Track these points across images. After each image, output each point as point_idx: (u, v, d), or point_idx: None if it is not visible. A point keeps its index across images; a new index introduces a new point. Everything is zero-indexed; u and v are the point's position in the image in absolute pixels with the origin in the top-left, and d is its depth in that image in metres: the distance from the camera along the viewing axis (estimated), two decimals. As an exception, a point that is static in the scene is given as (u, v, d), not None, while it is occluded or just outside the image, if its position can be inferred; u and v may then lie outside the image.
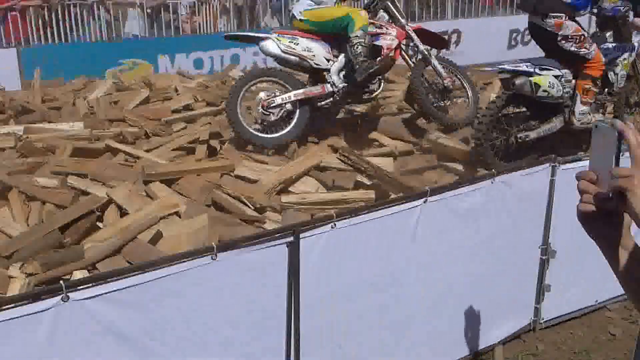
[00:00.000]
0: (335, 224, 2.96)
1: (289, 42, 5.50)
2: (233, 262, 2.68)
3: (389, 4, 5.76)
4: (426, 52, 5.83)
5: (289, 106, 5.49)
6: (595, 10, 5.65)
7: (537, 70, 5.28)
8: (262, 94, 5.48)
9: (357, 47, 5.33)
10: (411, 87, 5.81)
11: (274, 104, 5.45)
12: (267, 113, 5.46)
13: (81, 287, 2.34)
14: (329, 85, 5.57)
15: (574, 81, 5.44)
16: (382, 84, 5.89)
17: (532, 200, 3.99)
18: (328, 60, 5.58)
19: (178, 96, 7.12)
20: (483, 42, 14.16)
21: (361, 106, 6.43)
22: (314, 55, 5.55)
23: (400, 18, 5.78)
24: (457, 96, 6.13)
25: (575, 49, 5.28)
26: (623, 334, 4.29)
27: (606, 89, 5.71)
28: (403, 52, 5.90)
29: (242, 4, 13.03)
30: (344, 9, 5.62)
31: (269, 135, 5.51)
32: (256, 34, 6.02)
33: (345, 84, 5.59)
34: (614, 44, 5.69)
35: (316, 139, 5.78)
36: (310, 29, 5.61)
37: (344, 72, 5.59)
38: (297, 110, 5.52)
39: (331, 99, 5.64)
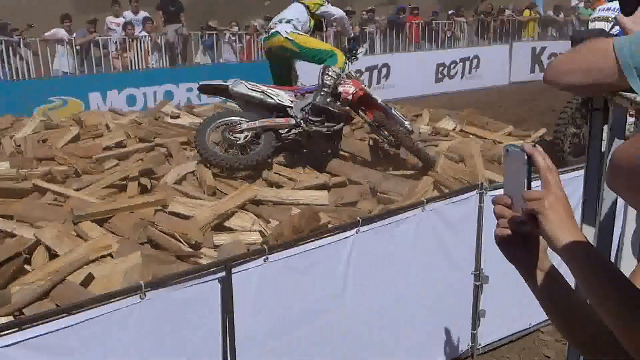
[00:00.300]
0: (267, 258, 2.97)
1: (255, 83, 5.99)
2: (163, 301, 2.63)
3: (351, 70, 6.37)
4: (383, 104, 6.21)
5: (254, 132, 5.76)
6: None
7: None
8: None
9: (329, 77, 5.81)
10: (373, 131, 6.19)
11: (240, 129, 5.73)
12: (234, 137, 5.71)
13: (2, 333, 2.24)
14: (292, 118, 5.88)
15: None
16: (343, 123, 6.10)
17: (462, 227, 4.12)
18: (291, 101, 5.93)
19: (110, 133, 7.00)
20: (411, 75, 14.66)
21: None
22: (278, 94, 5.94)
23: (359, 77, 6.41)
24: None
25: None
26: (557, 355, 4.43)
27: None
28: (361, 112, 6.27)
29: (173, 41, 13.01)
30: (329, 45, 6.40)
31: (236, 156, 5.68)
32: (226, 82, 6.27)
33: (307, 117, 5.84)
34: None
35: (250, 172, 5.79)
36: (291, 49, 6.14)
37: (305, 110, 5.87)
38: (263, 136, 5.76)
39: (295, 130, 5.91)
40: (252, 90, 5.91)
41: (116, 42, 12.33)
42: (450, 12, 17.56)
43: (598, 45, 1.44)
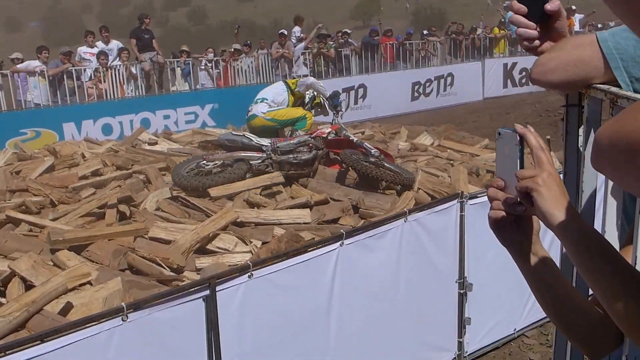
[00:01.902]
0: (252, 274, 2.92)
1: (239, 130, 6.77)
2: (146, 322, 2.56)
3: (340, 121, 6.84)
4: (353, 137, 6.49)
5: (227, 161, 6.23)
6: None
7: None
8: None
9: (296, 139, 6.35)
10: (342, 158, 6.18)
11: (212, 159, 6.23)
12: (206, 164, 6.15)
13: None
14: (264, 152, 6.27)
15: None
16: (314, 154, 6.25)
17: (444, 237, 4.11)
18: (270, 142, 6.36)
19: (86, 162, 6.91)
20: (388, 95, 14.80)
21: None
22: (258, 137, 6.45)
23: (345, 131, 6.66)
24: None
25: None
26: (542, 358, 4.45)
27: None
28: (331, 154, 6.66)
29: (149, 69, 12.97)
30: (301, 111, 7.05)
31: (205, 179, 5.91)
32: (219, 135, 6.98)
33: (278, 150, 6.22)
34: None
35: (232, 193, 5.74)
36: (270, 125, 6.94)
37: (280, 146, 6.25)
38: (234, 164, 6.17)
39: (265, 162, 6.24)
40: (236, 135, 6.51)
41: (90, 72, 12.24)
42: (424, 32, 17.83)
43: (583, 41, 1.45)
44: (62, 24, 61.87)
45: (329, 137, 6.41)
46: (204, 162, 6.16)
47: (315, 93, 7.18)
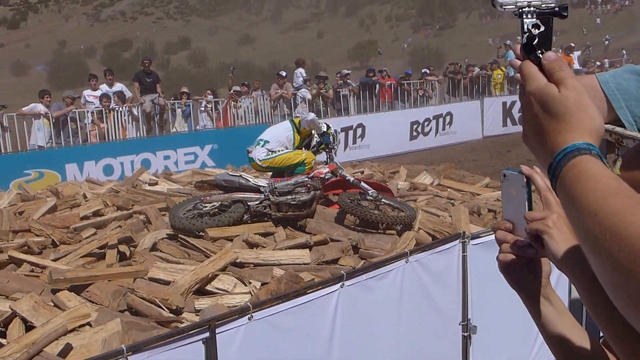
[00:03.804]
0: (252, 316, 2.91)
1: (237, 170, 6.64)
2: (147, 365, 2.55)
3: (335, 160, 6.84)
4: (350, 177, 6.46)
5: (224, 203, 6.12)
6: None
7: None
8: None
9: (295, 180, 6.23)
10: (340, 205, 6.15)
11: (210, 200, 6.09)
12: (203, 206, 6.04)
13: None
14: (261, 193, 6.16)
15: None
16: (312, 196, 6.16)
17: (447, 277, 4.10)
18: (268, 183, 6.28)
19: (87, 202, 6.93)
20: (386, 134, 14.92)
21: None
22: (256, 177, 6.44)
23: (341, 169, 6.67)
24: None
25: None
26: (547, 402, 4.36)
27: None
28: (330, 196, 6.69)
29: (150, 110, 13.13)
30: (300, 157, 6.85)
31: (202, 221, 5.86)
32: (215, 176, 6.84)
33: (276, 191, 6.10)
34: None
35: (230, 234, 5.74)
36: (268, 170, 6.97)
37: (278, 187, 6.14)
38: (232, 206, 6.07)
39: (262, 203, 6.13)
40: (233, 175, 6.39)
41: (92, 114, 12.39)
42: (423, 71, 18.07)
43: (583, 82, 1.48)
44: (66, 68, 62.91)
45: (326, 178, 6.39)
46: (202, 203, 6.06)
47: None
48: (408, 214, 6.09)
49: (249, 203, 6.11)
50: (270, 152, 6.89)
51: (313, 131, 7.14)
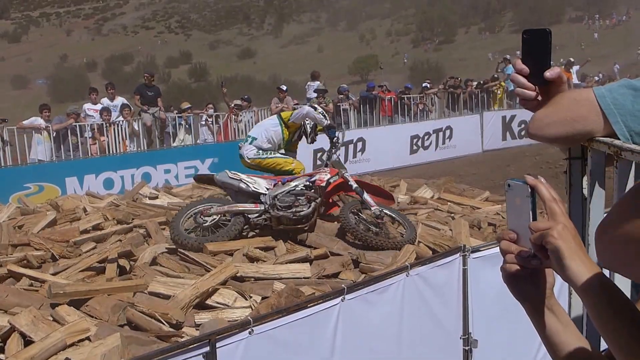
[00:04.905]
0: (252, 330, 2.89)
1: (236, 172, 6.32)
2: (147, 379, 2.53)
3: (337, 157, 6.62)
4: (353, 182, 6.28)
5: (224, 216, 6.04)
6: None
7: None
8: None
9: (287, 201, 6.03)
10: (342, 223, 6.06)
11: (209, 213, 5.98)
12: (203, 220, 5.95)
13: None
14: (261, 204, 6.06)
15: None
16: (313, 208, 6.07)
17: (447, 291, 4.08)
18: (267, 189, 6.16)
19: (87, 216, 6.93)
20: (386, 148, 14.94)
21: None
22: (255, 182, 6.23)
23: (343, 167, 6.54)
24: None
25: None
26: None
27: None
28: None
29: (151, 124, 13.15)
30: (289, 165, 6.85)
31: (201, 237, 5.84)
32: (215, 174, 6.58)
33: (276, 202, 5.98)
34: None
35: (230, 249, 5.73)
36: (257, 168, 6.87)
37: (278, 198, 6.02)
38: (231, 220, 6.01)
39: (263, 216, 6.05)
40: (232, 178, 6.23)
41: (93, 128, 12.42)
42: (423, 84, 18.14)
43: (580, 96, 1.48)
44: (67, 81, 63.14)
45: (328, 184, 6.24)
46: (202, 216, 5.96)
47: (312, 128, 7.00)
48: (408, 237, 5.99)
49: (249, 215, 6.03)
50: (259, 151, 6.88)
51: (307, 123, 6.99)
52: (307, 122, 7.03)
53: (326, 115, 7.07)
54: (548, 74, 1.44)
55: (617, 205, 0.96)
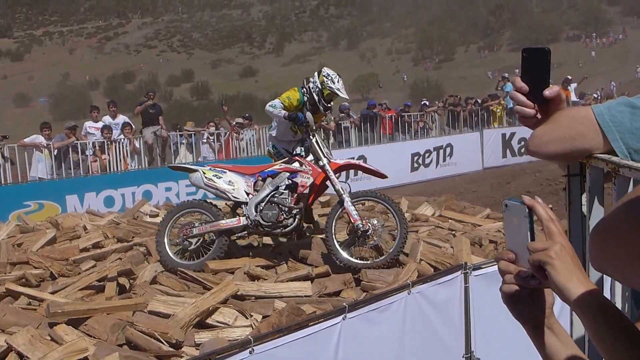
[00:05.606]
0: (253, 349, 2.86)
1: (213, 175, 5.89)
2: (145, 400, 2.49)
3: (313, 143, 5.93)
4: (341, 192, 5.82)
5: (207, 236, 5.82)
6: None
7: None
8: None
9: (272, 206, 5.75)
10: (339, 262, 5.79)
11: (192, 234, 5.76)
12: (188, 242, 5.77)
13: None
14: (243, 218, 5.81)
15: None
16: (298, 219, 5.91)
17: (449, 309, 4.05)
18: (248, 194, 5.87)
19: (87, 234, 6.89)
20: (387, 165, 14.92)
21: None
22: (234, 189, 5.87)
23: (322, 157, 5.88)
24: (391, 229, 6.31)
25: None
26: None
27: None
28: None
29: (152, 142, 13.18)
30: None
31: (188, 262, 5.70)
32: (192, 166, 6.29)
33: (259, 219, 5.76)
34: None
35: (231, 267, 5.70)
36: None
37: (260, 207, 5.79)
38: (216, 240, 5.78)
39: (245, 231, 5.87)
40: (207, 186, 5.87)
41: (94, 146, 12.45)
42: (422, 102, 18.23)
43: (579, 114, 1.49)
44: (69, 100, 63.47)
45: (311, 189, 5.87)
46: (187, 239, 5.74)
47: (318, 94, 6.39)
48: (395, 251, 5.70)
49: (233, 233, 5.82)
50: (275, 139, 6.82)
51: (306, 95, 6.43)
52: (306, 96, 6.47)
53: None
54: (547, 92, 1.45)
55: (612, 209, 0.96)
